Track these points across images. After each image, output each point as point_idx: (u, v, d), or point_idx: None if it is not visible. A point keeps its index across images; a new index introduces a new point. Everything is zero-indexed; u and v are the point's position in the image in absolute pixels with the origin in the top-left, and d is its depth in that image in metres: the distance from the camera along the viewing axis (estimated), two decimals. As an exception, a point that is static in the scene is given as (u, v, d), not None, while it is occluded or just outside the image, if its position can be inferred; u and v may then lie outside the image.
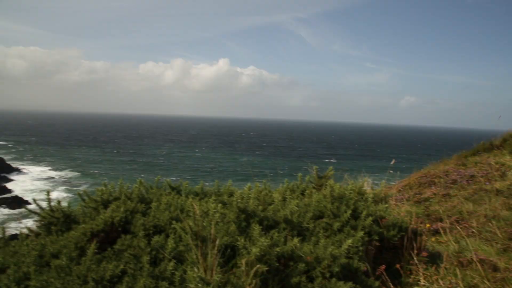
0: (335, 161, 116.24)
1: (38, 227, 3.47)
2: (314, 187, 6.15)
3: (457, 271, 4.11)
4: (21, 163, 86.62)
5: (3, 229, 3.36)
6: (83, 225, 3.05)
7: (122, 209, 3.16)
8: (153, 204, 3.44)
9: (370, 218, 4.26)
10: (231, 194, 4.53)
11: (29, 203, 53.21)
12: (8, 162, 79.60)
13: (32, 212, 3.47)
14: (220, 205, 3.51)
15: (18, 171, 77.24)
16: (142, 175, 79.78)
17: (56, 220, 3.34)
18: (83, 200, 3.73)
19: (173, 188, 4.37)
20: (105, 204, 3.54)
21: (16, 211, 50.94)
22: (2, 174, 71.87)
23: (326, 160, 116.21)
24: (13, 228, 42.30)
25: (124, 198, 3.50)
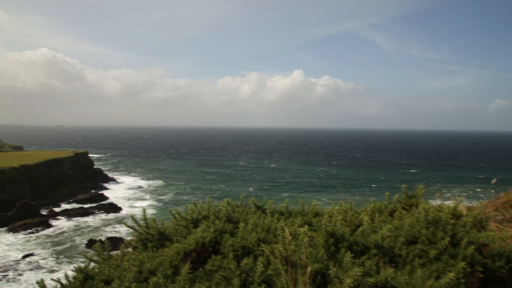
0: (415, 170, 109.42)
1: (135, 241, 3.73)
2: (403, 207, 5.75)
3: None
4: (115, 173, 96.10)
5: (108, 242, 3.66)
6: (177, 245, 3.19)
7: (211, 229, 3.25)
8: (241, 225, 3.48)
9: (472, 246, 3.82)
10: (316, 214, 4.41)
11: (122, 209, 58.44)
12: (105, 173, 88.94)
13: (132, 228, 3.73)
14: (306, 226, 3.43)
15: (113, 180, 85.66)
16: (221, 185, 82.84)
17: (151, 237, 3.55)
18: (174, 217, 3.92)
19: (258, 207, 4.40)
20: (195, 222, 3.68)
21: (112, 216, 56.36)
22: (100, 183, 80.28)
23: (406, 170, 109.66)
24: (108, 231, 46.89)
25: (213, 217, 3.60)
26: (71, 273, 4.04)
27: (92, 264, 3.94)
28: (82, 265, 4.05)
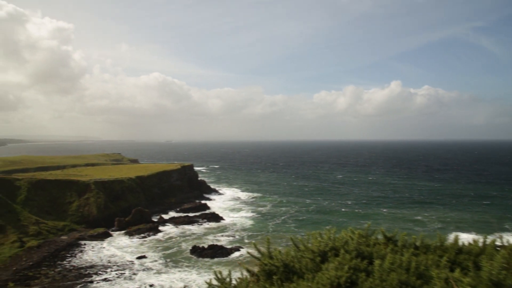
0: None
1: (258, 271, 3.52)
2: None
3: None
4: (217, 185, 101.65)
5: (230, 272, 3.52)
6: (309, 284, 2.87)
7: (346, 268, 2.86)
8: (376, 262, 3.02)
9: None
10: (459, 251, 3.71)
11: (223, 219, 61.05)
12: (208, 184, 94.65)
13: (254, 257, 3.54)
14: (458, 270, 2.83)
15: (215, 191, 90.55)
16: (318, 198, 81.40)
17: (275, 269, 3.30)
18: (297, 247, 3.62)
19: (388, 239, 3.86)
20: (322, 255, 3.33)
21: (214, 225, 59.23)
22: (204, 194, 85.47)
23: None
24: (209, 240, 49.20)
25: (343, 251, 3.21)
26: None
27: None
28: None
